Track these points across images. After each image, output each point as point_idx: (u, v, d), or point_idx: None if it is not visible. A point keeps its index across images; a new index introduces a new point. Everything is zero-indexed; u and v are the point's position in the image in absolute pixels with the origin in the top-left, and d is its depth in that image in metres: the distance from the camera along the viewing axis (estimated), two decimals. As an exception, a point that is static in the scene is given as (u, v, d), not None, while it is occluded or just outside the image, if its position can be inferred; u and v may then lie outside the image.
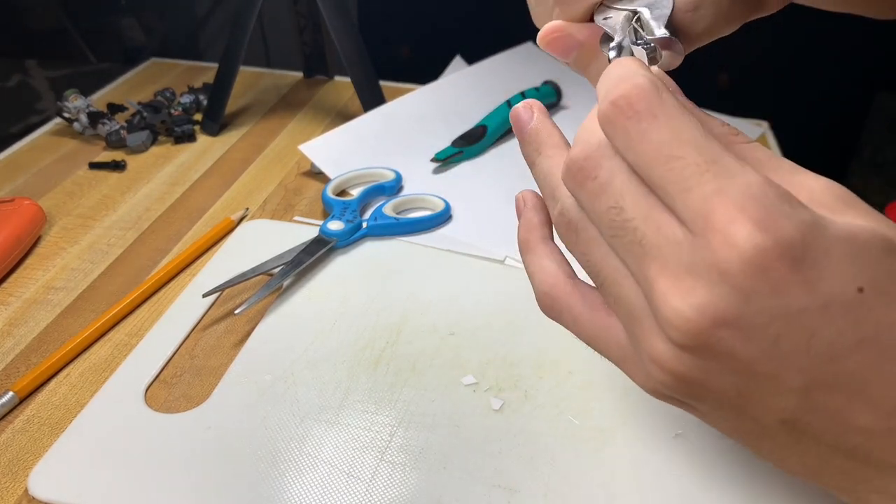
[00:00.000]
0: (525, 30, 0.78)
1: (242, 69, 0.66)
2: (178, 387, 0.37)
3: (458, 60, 0.76)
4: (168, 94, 0.68)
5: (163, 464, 0.32)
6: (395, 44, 1.17)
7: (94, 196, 0.55)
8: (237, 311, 0.40)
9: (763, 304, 0.17)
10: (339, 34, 0.61)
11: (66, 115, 0.62)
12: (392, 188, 0.54)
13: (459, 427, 0.35)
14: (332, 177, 0.54)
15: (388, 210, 0.50)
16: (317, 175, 0.58)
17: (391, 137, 0.60)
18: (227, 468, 0.32)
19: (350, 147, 0.58)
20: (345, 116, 0.66)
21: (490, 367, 0.38)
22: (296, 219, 0.52)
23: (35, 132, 0.64)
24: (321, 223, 0.48)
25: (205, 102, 0.66)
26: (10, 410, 0.36)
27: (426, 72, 0.73)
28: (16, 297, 0.44)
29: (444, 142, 0.59)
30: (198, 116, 0.67)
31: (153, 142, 0.62)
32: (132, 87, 0.73)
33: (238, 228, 0.50)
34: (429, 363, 0.38)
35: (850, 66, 0.95)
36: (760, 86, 0.92)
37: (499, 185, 0.55)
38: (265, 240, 0.48)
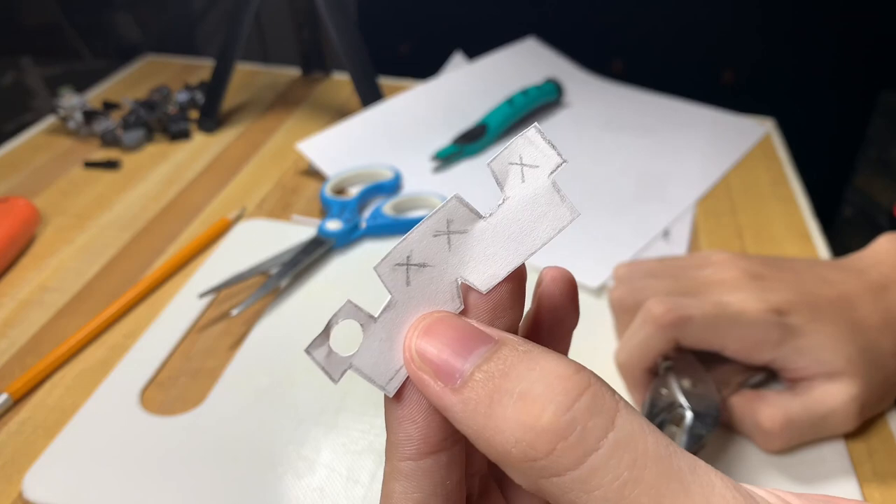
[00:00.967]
0: (526, 25, 0.77)
1: (239, 66, 0.66)
2: (174, 389, 0.37)
3: (459, 56, 0.75)
4: (164, 92, 0.67)
5: (158, 467, 0.32)
6: (394, 40, 1.16)
7: (89, 195, 0.54)
8: (234, 313, 0.39)
9: None
10: (338, 30, 0.60)
11: (61, 113, 0.61)
12: (391, 187, 0.53)
13: (460, 430, 0.34)
14: (330, 175, 0.53)
15: (387, 209, 0.49)
16: (314, 174, 0.57)
17: (390, 135, 0.59)
18: (224, 472, 0.32)
19: (348, 145, 0.57)
20: (343, 114, 0.66)
21: (491, 369, 0.38)
22: (293, 218, 0.51)
23: (29, 130, 0.63)
24: (319, 223, 0.47)
25: (201, 100, 0.65)
26: (5, 412, 0.35)
27: (426, 68, 0.72)
28: (10, 298, 0.43)
29: (444, 140, 0.59)
30: (194, 114, 0.66)
31: (149, 140, 0.62)
32: (127, 85, 0.73)
33: (235, 228, 0.49)
34: (428, 365, 0.38)
35: (855, 64, 0.94)
36: (765, 83, 0.92)
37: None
38: (262, 240, 0.47)
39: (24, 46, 0.83)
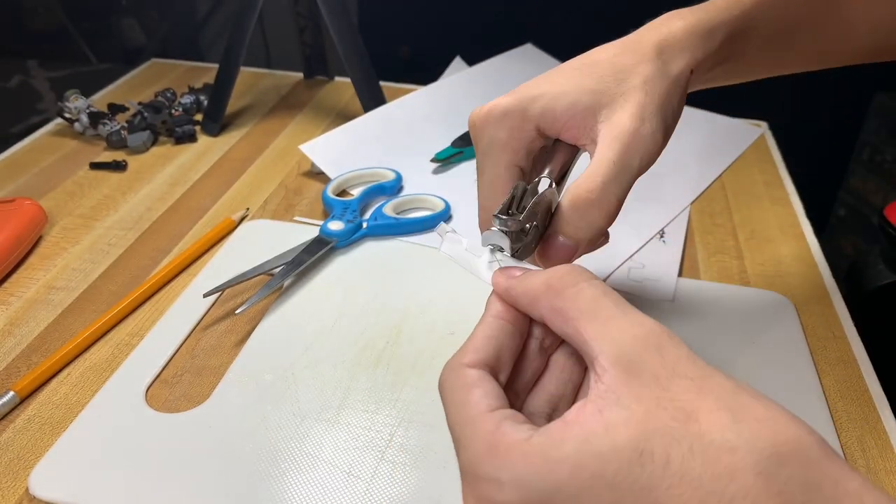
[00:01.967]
0: (524, 32, 0.78)
1: (243, 70, 0.67)
2: (179, 386, 0.37)
3: (458, 61, 0.76)
4: (169, 95, 0.68)
5: (163, 463, 0.32)
6: (396, 44, 1.17)
7: (95, 196, 0.55)
8: (238, 311, 0.40)
9: None
10: (340, 35, 0.61)
11: (67, 116, 0.62)
12: (392, 188, 0.54)
13: (459, 426, 0.35)
14: (333, 177, 0.54)
15: (389, 210, 0.50)
16: (317, 175, 0.58)
17: (391, 138, 0.60)
18: (228, 468, 0.32)
19: (350, 147, 0.58)
20: (345, 117, 0.66)
21: (490, 367, 0.38)
22: (296, 219, 0.52)
23: (36, 132, 0.64)
24: (321, 223, 0.48)
25: (205, 103, 0.66)
26: (11, 410, 0.36)
27: (426, 72, 0.73)
28: (17, 297, 0.44)
29: (444, 142, 0.59)
30: (198, 117, 0.67)
31: (154, 142, 0.62)
32: (133, 88, 0.73)
33: (238, 228, 0.50)
34: (429, 363, 0.39)
35: (849, 67, 0.95)
36: (759, 86, 0.93)
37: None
38: (266, 240, 0.48)
39: (31, 50, 0.84)
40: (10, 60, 0.83)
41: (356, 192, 0.53)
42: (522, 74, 0.70)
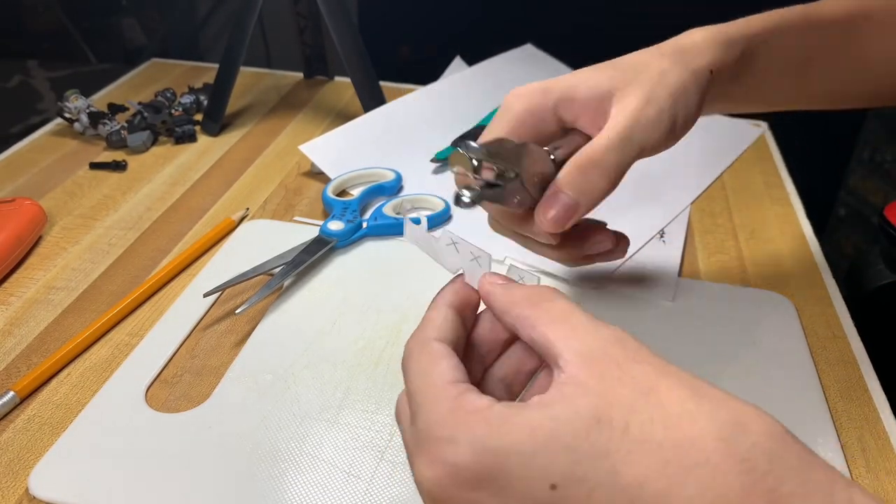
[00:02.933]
0: (525, 32, 0.78)
1: (243, 69, 0.67)
2: (179, 386, 0.37)
3: (458, 61, 0.76)
4: (168, 95, 0.68)
5: (163, 463, 0.32)
6: (395, 44, 1.17)
7: (95, 196, 0.55)
8: (238, 311, 0.40)
9: None
10: (340, 35, 0.61)
11: (67, 116, 0.62)
12: (392, 188, 0.54)
13: (459, 426, 0.35)
14: (333, 177, 0.54)
15: (388, 210, 0.50)
16: (317, 175, 0.58)
17: (391, 138, 0.60)
18: (228, 467, 0.32)
19: (350, 147, 0.58)
20: (345, 117, 0.67)
21: (490, 367, 0.38)
22: (296, 219, 0.52)
23: (36, 132, 0.64)
24: (321, 223, 0.48)
25: (205, 103, 0.66)
26: (11, 410, 0.36)
27: (426, 72, 0.73)
28: (17, 297, 0.44)
29: (444, 142, 0.59)
30: (198, 117, 0.67)
31: (154, 142, 0.62)
32: (133, 88, 0.73)
33: (238, 228, 0.50)
34: (429, 363, 0.38)
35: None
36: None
37: (499, 186, 0.55)
38: (266, 240, 0.48)
39: (31, 50, 0.84)
40: (10, 60, 0.83)
41: (356, 192, 0.53)
42: (522, 74, 0.70)
